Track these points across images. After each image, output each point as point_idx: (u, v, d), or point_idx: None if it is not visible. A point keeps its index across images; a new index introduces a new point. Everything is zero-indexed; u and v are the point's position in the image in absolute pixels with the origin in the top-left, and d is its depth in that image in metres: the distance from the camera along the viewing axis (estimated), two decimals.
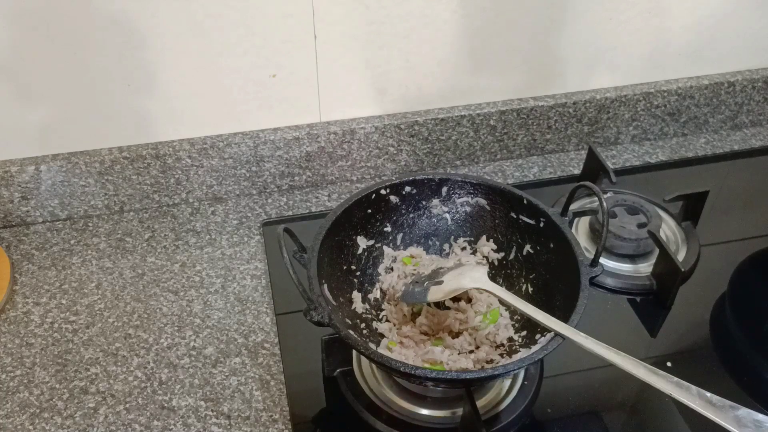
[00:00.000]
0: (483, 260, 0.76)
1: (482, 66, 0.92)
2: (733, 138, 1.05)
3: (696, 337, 0.76)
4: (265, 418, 0.67)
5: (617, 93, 0.98)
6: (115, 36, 0.78)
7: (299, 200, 0.93)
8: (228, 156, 0.89)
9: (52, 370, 0.71)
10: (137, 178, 0.88)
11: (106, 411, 0.67)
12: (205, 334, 0.75)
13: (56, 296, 0.79)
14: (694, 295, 0.79)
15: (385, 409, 0.66)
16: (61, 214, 0.88)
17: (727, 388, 0.69)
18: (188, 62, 0.82)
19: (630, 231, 0.82)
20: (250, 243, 0.86)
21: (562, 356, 0.69)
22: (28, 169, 0.84)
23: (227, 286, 0.80)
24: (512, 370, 0.58)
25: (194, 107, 0.86)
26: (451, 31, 0.88)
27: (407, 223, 0.77)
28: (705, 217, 0.87)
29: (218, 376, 0.70)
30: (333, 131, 0.90)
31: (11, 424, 0.66)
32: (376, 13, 0.84)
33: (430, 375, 0.58)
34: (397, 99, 0.92)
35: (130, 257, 0.84)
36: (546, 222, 0.70)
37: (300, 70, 0.86)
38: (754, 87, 1.03)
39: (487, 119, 0.95)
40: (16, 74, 0.79)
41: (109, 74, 0.81)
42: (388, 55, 0.87)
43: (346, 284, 0.71)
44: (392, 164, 0.96)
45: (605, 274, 0.79)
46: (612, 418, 0.68)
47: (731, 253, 0.85)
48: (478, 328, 0.69)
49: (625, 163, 1.00)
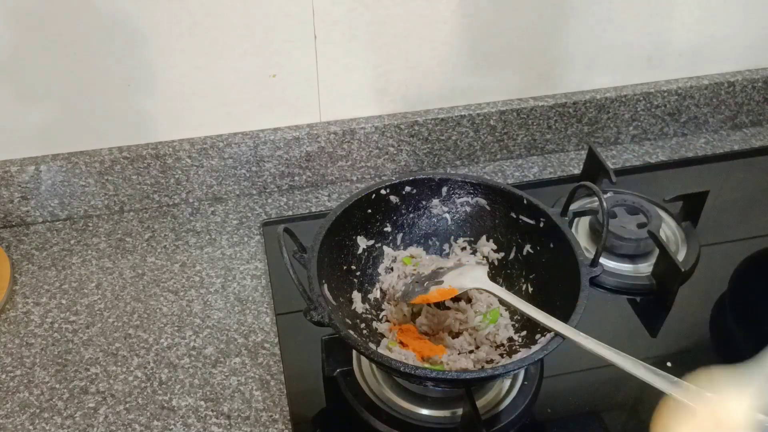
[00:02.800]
0: (483, 260, 0.76)
1: (482, 66, 0.92)
2: (733, 138, 1.05)
3: (696, 337, 0.76)
4: (265, 418, 0.67)
5: (617, 93, 0.98)
6: (115, 36, 0.78)
7: (299, 200, 0.92)
8: (228, 156, 0.89)
9: (52, 370, 0.71)
10: (137, 178, 0.88)
11: (106, 411, 0.67)
12: (205, 334, 0.75)
13: (56, 296, 0.79)
14: (694, 295, 0.79)
15: (385, 409, 0.66)
16: (61, 214, 0.88)
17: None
18: (188, 62, 0.82)
19: (630, 231, 0.82)
20: (250, 243, 0.86)
21: (562, 356, 0.68)
22: (28, 169, 0.84)
23: (227, 286, 0.80)
24: (512, 370, 0.58)
25: (194, 107, 0.86)
26: (451, 31, 0.88)
27: (407, 223, 0.76)
28: (705, 217, 0.87)
29: (218, 376, 0.70)
30: (333, 131, 0.90)
31: (11, 424, 0.66)
32: (376, 13, 0.84)
33: (430, 375, 0.58)
34: (397, 99, 0.92)
35: (130, 257, 0.84)
36: (546, 222, 0.70)
37: (300, 70, 0.86)
38: (754, 87, 1.03)
39: (487, 119, 0.95)
40: (16, 74, 0.79)
41: (109, 74, 0.81)
42: (388, 55, 0.87)
43: (346, 284, 0.71)
44: (392, 164, 0.96)
45: (605, 274, 0.79)
46: (612, 418, 0.68)
47: (731, 253, 0.85)
48: (478, 328, 0.69)
49: (625, 163, 1.00)
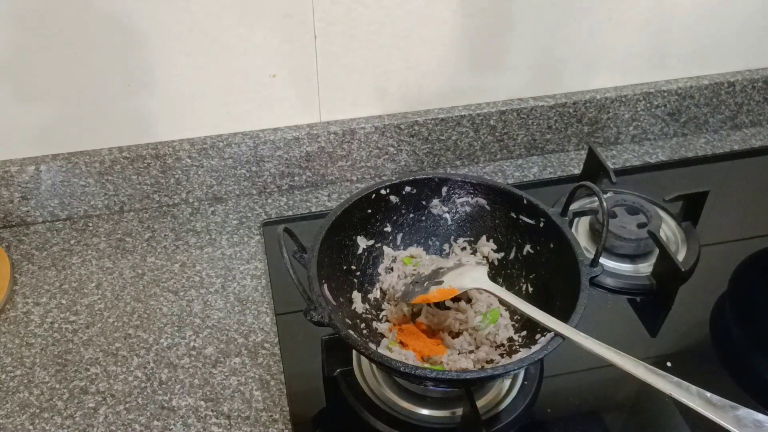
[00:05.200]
0: (483, 260, 0.76)
1: (482, 66, 0.92)
2: (733, 138, 1.05)
3: (696, 337, 0.76)
4: (265, 418, 0.67)
5: (617, 93, 0.98)
6: (115, 36, 0.78)
7: (299, 200, 0.92)
8: (228, 156, 0.89)
9: (52, 370, 0.71)
10: (137, 178, 0.88)
11: (106, 411, 0.67)
12: (205, 334, 0.75)
13: (56, 296, 0.79)
14: (694, 295, 0.79)
15: (385, 409, 0.66)
16: (61, 214, 0.88)
17: (727, 388, 0.69)
18: (188, 62, 0.82)
19: (630, 231, 0.82)
20: (250, 243, 0.86)
21: (562, 356, 0.68)
22: (28, 169, 0.84)
23: (227, 286, 0.80)
24: (512, 370, 0.58)
25: (194, 107, 0.86)
26: (451, 31, 0.87)
27: (407, 223, 0.76)
28: (705, 217, 0.87)
29: (218, 376, 0.70)
30: (333, 131, 0.90)
31: (11, 424, 0.66)
32: (376, 13, 0.84)
33: (430, 375, 0.58)
34: (397, 99, 0.92)
35: (130, 257, 0.84)
36: (546, 222, 0.70)
37: (300, 70, 0.86)
38: (754, 87, 1.03)
39: (487, 119, 0.95)
40: (16, 74, 0.79)
41: (109, 74, 0.81)
42: (388, 55, 0.87)
43: (346, 284, 0.71)
44: (392, 164, 0.96)
45: (605, 274, 0.79)
46: (612, 418, 0.68)
47: (731, 253, 0.85)
48: (478, 328, 0.69)
49: (625, 163, 1.00)
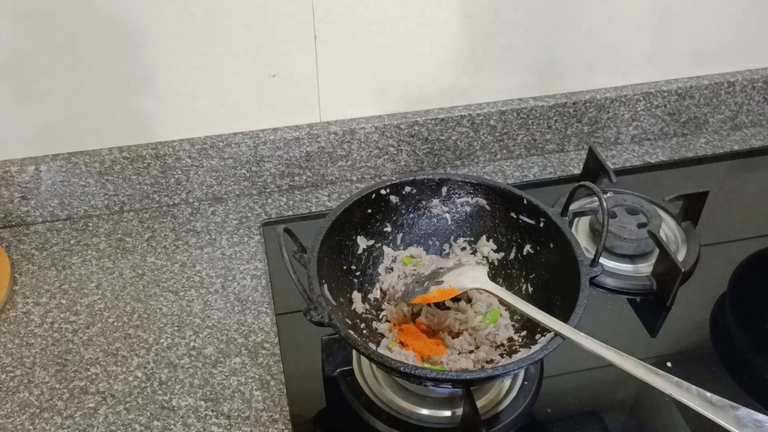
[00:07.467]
0: (483, 260, 0.76)
1: (482, 66, 0.92)
2: (733, 138, 1.05)
3: (696, 337, 0.76)
4: (265, 418, 0.67)
5: (617, 93, 0.98)
6: (115, 36, 0.78)
7: (299, 200, 0.92)
8: (228, 156, 0.89)
9: (52, 370, 0.71)
10: (137, 178, 0.88)
11: (106, 411, 0.67)
12: (205, 334, 0.75)
13: (56, 296, 0.79)
14: (694, 295, 0.79)
15: (385, 409, 0.66)
16: (61, 214, 0.88)
17: (727, 388, 0.69)
18: (188, 62, 0.82)
19: (630, 231, 0.82)
20: (250, 243, 0.86)
21: (562, 356, 0.69)
22: (28, 169, 0.84)
23: (227, 286, 0.80)
24: (512, 370, 0.58)
25: (194, 107, 0.86)
26: (451, 31, 0.87)
27: (407, 223, 0.76)
28: (705, 217, 0.87)
29: (218, 376, 0.70)
30: (333, 131, 0.90)
31: (11, 424, 0.66)
32: (376, 13, 0.84)
33: (430, 375, 0.58)
34: (397, 99, 0.92)
35: (130, 257, 0.84)
36: (546, 222, 0.70)
37: (300, 70, 0.86)
38: (754, 87, 1.03)
39: (487, 119, 0.95)
40: (16, 74, 0.79)
41: (109, 74, 0.81)
42: (388, 55, 0.87)
43: (346, 284, 0.71)
44: (392, 164, 0.96)
45: (605, 274, 0.79)
46: (612, 418, 0.68)
47: (731, 253, 0.85)
48: (478, 328, 0.69)
49: (625, 163, 1.00)
